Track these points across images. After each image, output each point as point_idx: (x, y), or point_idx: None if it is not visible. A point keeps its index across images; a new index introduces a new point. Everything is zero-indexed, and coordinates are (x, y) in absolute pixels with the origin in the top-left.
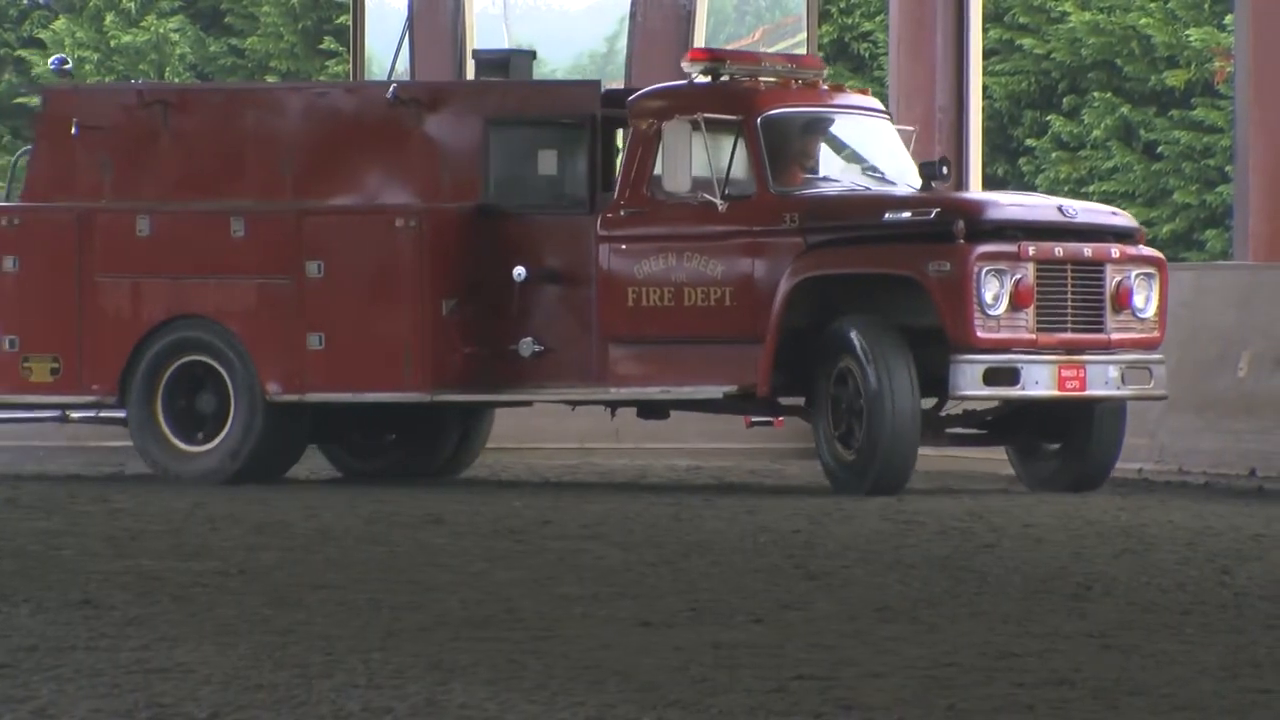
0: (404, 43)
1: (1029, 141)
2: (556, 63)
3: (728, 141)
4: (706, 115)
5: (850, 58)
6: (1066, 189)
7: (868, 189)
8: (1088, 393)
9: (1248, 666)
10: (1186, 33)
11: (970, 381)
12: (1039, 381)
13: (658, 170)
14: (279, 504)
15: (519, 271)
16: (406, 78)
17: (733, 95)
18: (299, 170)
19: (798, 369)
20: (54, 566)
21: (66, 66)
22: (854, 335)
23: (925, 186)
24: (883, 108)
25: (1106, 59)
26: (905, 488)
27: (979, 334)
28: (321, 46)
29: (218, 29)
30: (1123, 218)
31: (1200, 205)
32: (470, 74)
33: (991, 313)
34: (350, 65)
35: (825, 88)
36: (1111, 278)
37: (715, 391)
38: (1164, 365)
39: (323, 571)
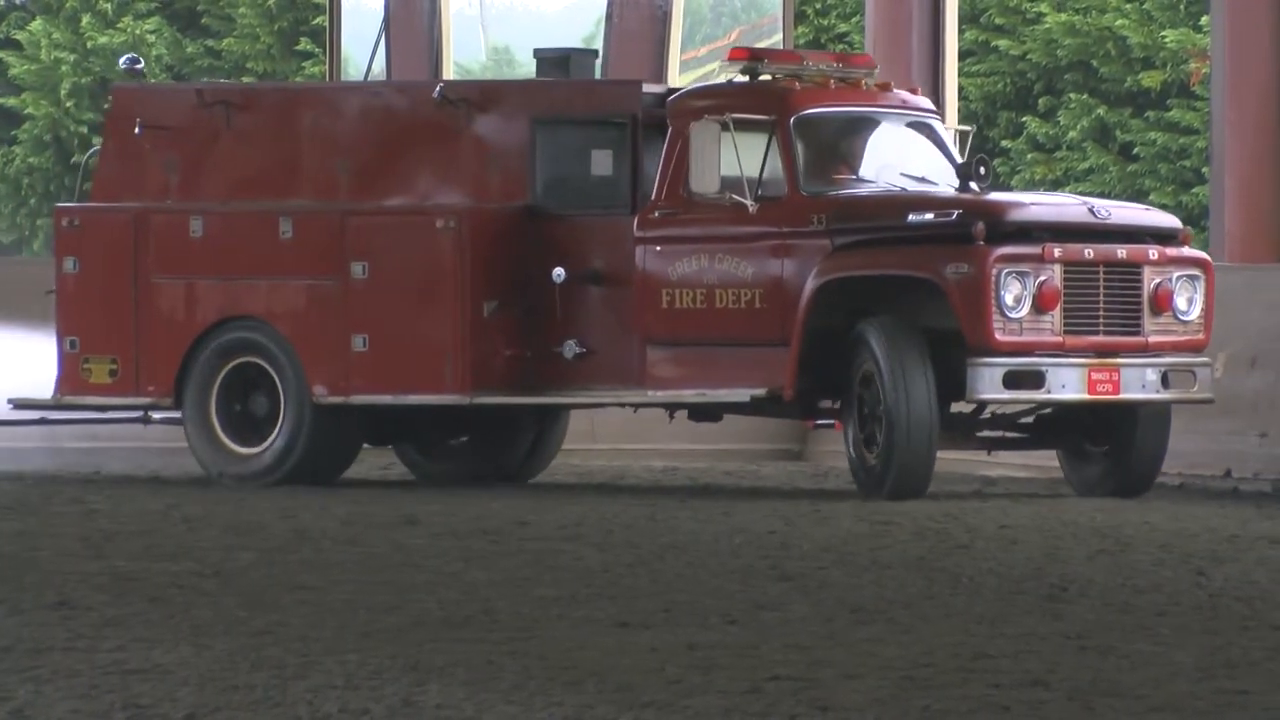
0: (380, 44)
1: (1005, 143)
2: (532, 64)
3: (762, 142)
4: (740, 115)
5: None
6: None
7: (903, 190)
8: (1123, 396)
9: (1223, 667)
10: (1162, 34)
11: (989, 385)
12: (1067, 385)
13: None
14: (255, 505)
15: (558, 273)
16: (383, 78)
17: (767, 95)
18: (354, 170)
19: (831, 372)
20: (30, 568)
21: (138, 66)
22: (874, 339)
23: (963, 187)
24: (932, 107)
25: (1082, 60)
26: (925, 493)
27: (998, 337)
28: (298, 48)
29: (194, 30)
30: (1163, 218)
31: (1176, 206)
32: (448, 73)
33: (1013, 315)
34: (327, 66)
35: (869, 87)
36: (1150, 279)
37: (745, 395)
38: (1209, 368)
39: (299, 572)
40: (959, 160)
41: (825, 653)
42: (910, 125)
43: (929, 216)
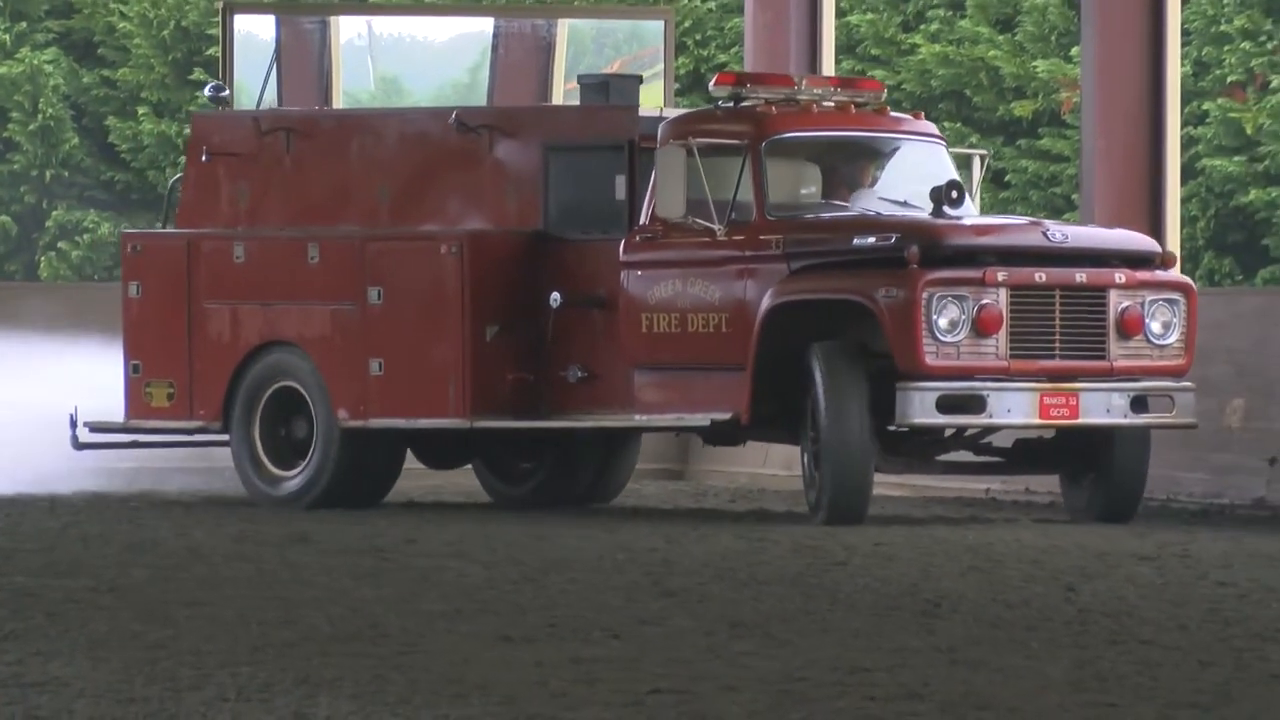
0: (271, 73)
1: None
2: (420, 93)
3: (737, 165)
4: (715, 140)
5: (706, 88)
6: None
7: (877, 214)
8: (1082, 421)
9: (1092, 680)
10: (1034, 64)
11: (921, 409)
12: (1013, 409)
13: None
14: (150, 523)
15: (554, 297)
16: (275, 106)
17: (742, 119)
18: (394, 195)
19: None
20: None
21: (223, 94)
22: (815, 363)
23: (936, 211)
24: (934, 131)
25: (956, 90)
26: (864, 516)
27: (929, 361)
28: (191, 78)
29: (91, 61)
30: (1137, 240)
31: None
32: (337, 102)
33: (947, 339)
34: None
35: (859, 111)
36: (1116, 303)
37: (706, 419)
38: (1191, 393)
39: (192, 589)
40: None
41: (705, 666)
42: (903, 149)
43: (871, 240)
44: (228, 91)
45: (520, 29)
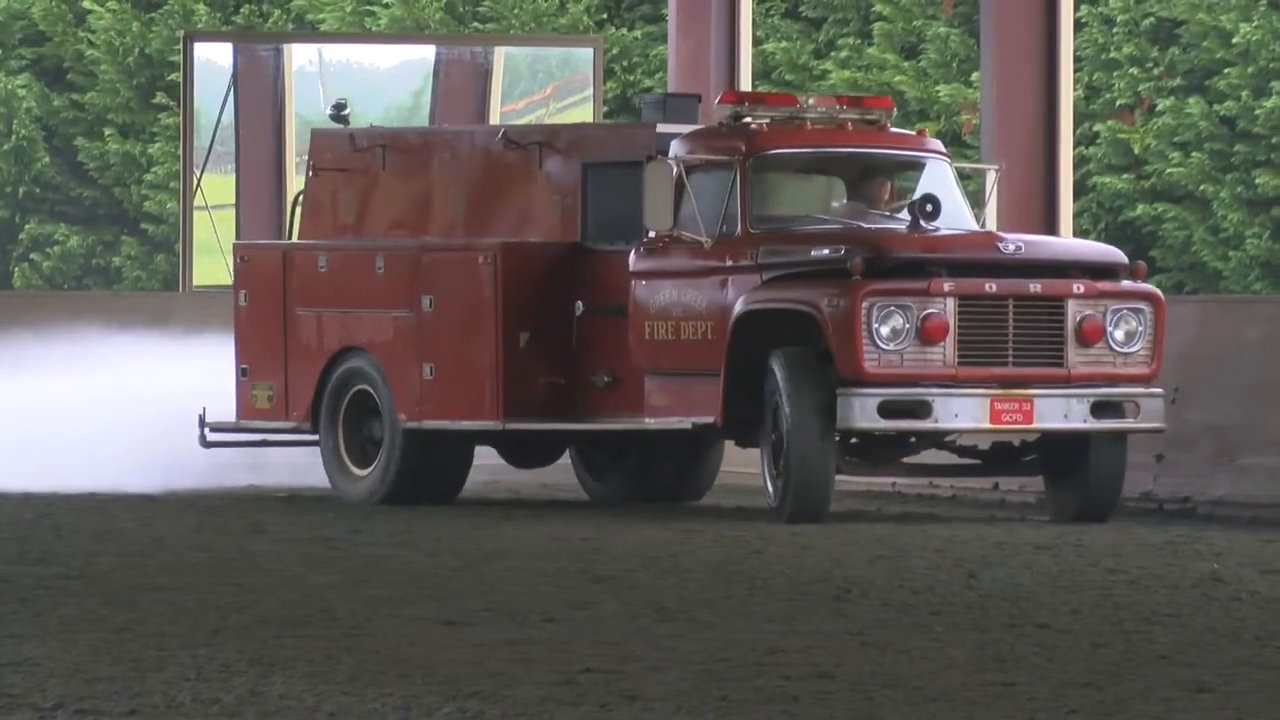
0: (229, 98)
1: None
2: (368, 116)
3: (728, 179)
4: (709, 156)
5: (633, 111)
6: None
7: (858, 226)
8: (1037, 426)
9: (992, 661)
10: (937, 89)
11: (862, 414)
12: (961, 414)
13: (684, 210)
14: (117, 514)
15: (578, 305)
16: (231, 130)
17: (735, 136)
18: (468, 208)
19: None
20: None
21: (344, 112)
22: (777, 368)
23: (914, 225)
24: (937, 149)
25: None
26: (824, 516)
27: (868, 368)
28: (154, 101)
29: (61, 85)
30: (1100, 251)
31: None
32: (289, 124)
33: (890, 347)
34: (180, 119)
35: (854, 129)
36: (1076, 313)
37: (688, 422)
38: (1159, 399)
39: (155, 575)
40: (961, 199)
41: (633, 648)
42: (904, 165)
43: (826, 252)
44: (349, 110)
45: (460, 56)
